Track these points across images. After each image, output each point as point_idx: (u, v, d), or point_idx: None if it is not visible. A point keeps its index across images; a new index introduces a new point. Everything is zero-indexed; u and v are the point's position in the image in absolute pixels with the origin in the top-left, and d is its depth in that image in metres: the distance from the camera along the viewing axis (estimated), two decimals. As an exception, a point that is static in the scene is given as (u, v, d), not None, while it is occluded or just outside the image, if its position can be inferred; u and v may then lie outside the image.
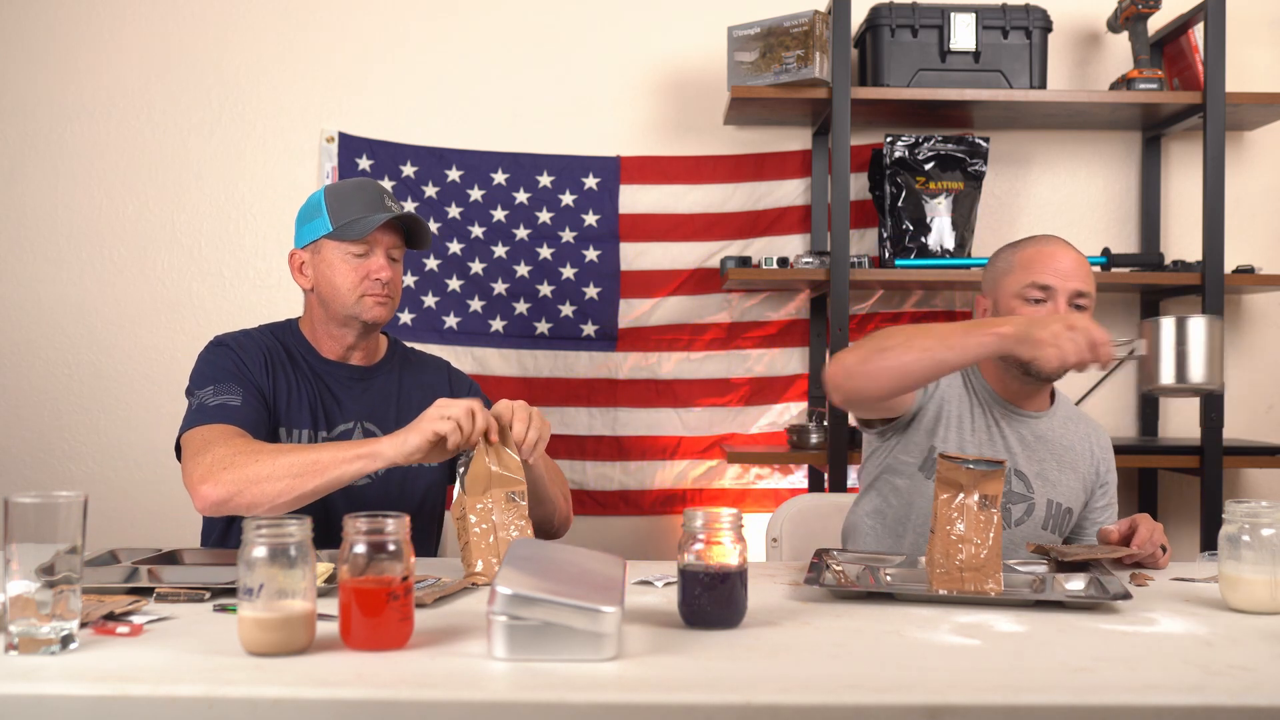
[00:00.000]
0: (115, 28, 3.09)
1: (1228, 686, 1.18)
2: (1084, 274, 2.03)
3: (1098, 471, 2.14)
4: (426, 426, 1.74)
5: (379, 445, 1.77)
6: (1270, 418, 3.11)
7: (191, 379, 1.98)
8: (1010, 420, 2.08)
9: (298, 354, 2.07)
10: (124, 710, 1.13)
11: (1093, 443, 2.14)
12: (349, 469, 1.77)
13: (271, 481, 1.76)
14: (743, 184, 3.11)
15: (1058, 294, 2.00)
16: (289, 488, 1.76)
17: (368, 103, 3.09)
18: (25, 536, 1.24)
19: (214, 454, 1.80)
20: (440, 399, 1.78)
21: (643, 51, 3.10)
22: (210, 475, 1.78)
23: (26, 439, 3.07)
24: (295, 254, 2.08)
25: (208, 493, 1.77)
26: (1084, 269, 2.03)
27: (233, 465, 1.78)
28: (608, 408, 3.08)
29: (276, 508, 1.77)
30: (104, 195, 3.08)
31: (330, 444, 1.82)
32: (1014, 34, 2.83)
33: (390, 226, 2.03)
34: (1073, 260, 2.03)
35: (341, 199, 2.03)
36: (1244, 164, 3.10)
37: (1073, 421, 2.15)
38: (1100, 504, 2.15)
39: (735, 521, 1.44)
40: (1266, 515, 1.53)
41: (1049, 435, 2.09)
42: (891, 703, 1.13)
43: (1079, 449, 2.12)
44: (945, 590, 1.60)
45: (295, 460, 1.77)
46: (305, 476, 1.76)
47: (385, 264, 2.02)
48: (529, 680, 1.18)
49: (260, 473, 1.76)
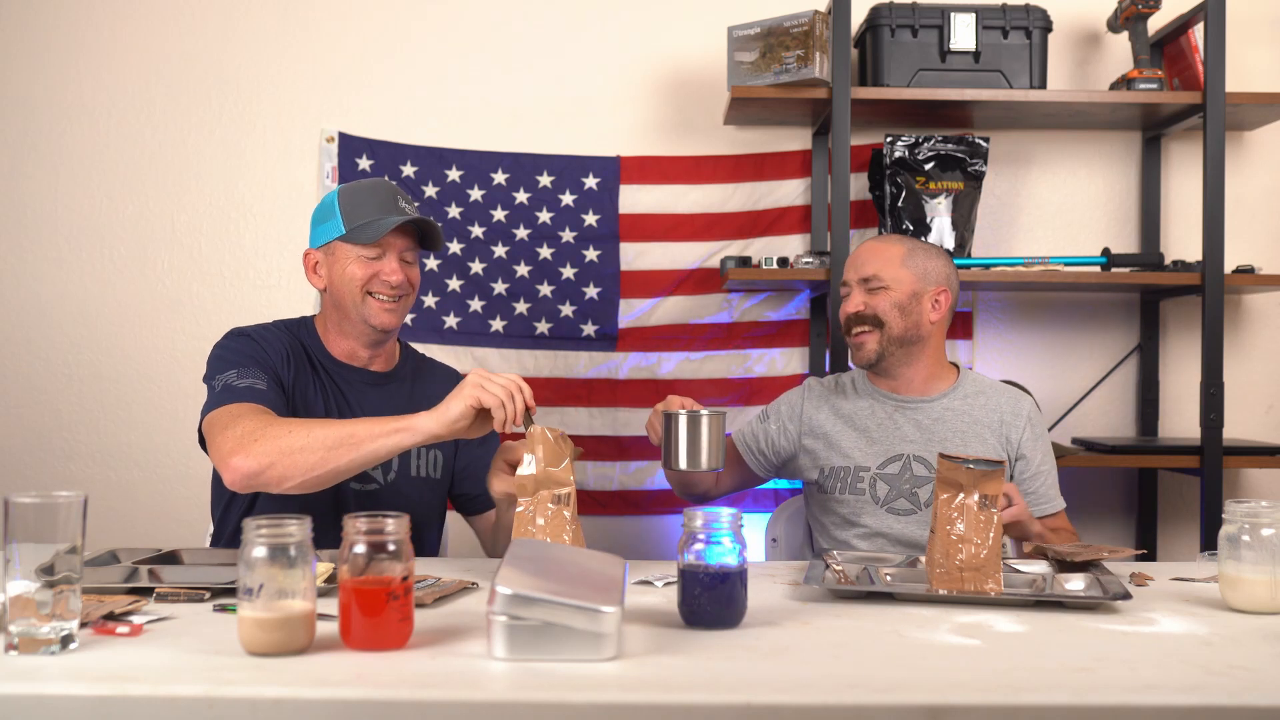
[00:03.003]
0: (115, 28, 3.09)
1: (1228, 686, 1.18)
2: (875, 261, 2.19)
3: (1008, 438, 2.19)
4: (469, 393, 1.69)
5: (415, 419, 1.72)
6: (1270, 418, 3.11)
7: (211, 365, 1.95)
8: (905, 409, 2.22)
9: (313, 352, 2.06)
10: (124, 710, 1.13)
11: (1003, 412, 2.21)
12: (386, 443, 1.72)
13: (305, 453, 1.71)
14: (743, 184, 3.11)
15: (852, 285, 2.21)
16: (322, 460, 1.71)
17: (368, 103, 3.09)
18: (25, 536, 1.24)
19: (243, 426, 1.76)
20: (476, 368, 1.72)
21: (643, 51, 3.10)
22: (241, 447, 1.73)
23: (26, 439, 3.07)
24: (310, 254, 2.07)
25: (239, 464, 1.72)
26: (876, 258, 2.20)
27: (264, 436, 1.73)
28: (608, 408, 3.08)
29: (308, 482, 1.73)
30: (104, 195, 3.08)
31: (367, 419, 1.77)
32: (1014, 34, 2.83)
33: (404, 229, 2.01)
34: (865, 252, 2.23)
35: (355, 201, 2.01)
36: (1244, 164, 3.10)
37: (982, 395, 2.23)
38: (1026, 475, 2.18)
39: (735, 521, 1.44)
40: (1266, 515, 1.53)
41: (947, 415, 2.21)
42: (892, 703, 1.13)
43: (985, 420, 2.20)
44: (945, 590, 1.60)
45: (330, 433, 1.73)
46: (340, 449, 1.71)
47: (397, 267, 2.00)
48: (529, 680, 1.18)
49: (294, 444, 1.72)
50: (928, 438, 2.18)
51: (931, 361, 2.23)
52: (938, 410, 2.20)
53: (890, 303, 2.17)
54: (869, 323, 2.17)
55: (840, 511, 2.19)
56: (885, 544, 2.15)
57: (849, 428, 2.23)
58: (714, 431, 1.81)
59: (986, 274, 2.78)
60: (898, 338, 2.17)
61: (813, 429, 2.25)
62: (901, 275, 2.18)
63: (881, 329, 2.17)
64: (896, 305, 2.17)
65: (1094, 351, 3.11)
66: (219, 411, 1.84)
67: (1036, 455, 2.19)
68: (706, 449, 1.81)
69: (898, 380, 2.23)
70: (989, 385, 2.26)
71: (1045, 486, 2.18)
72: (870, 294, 2.18)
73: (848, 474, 2.19)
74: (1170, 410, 3.08)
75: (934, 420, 2.19)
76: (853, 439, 2.21)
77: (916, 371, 2.22)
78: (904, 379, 2.23)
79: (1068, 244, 3.10)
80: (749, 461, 2.32)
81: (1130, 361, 3.10)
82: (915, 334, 2.19)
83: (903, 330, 2.17)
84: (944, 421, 2.19)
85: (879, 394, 2.25)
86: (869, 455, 2.19)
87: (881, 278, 2.18)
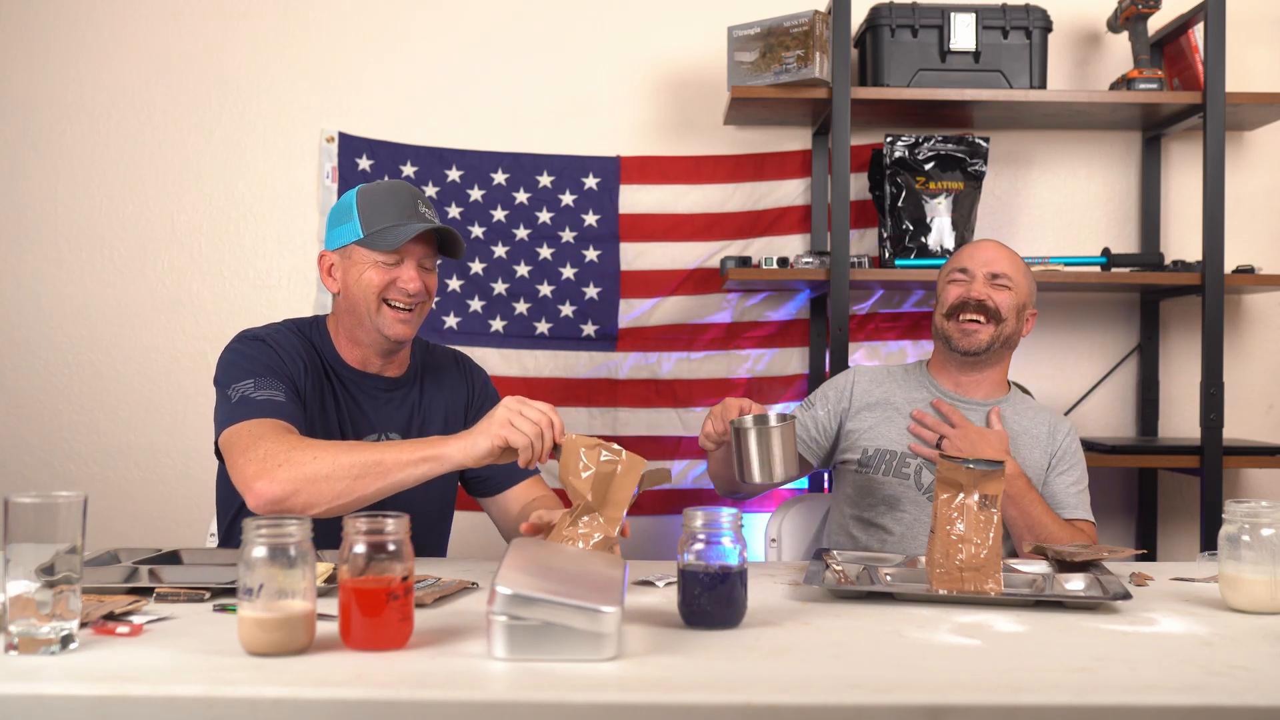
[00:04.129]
0: (115, 28, 3.09)
1: (1228, 686, 1.18)
2: (1005, 261, 2.25)
3: (1053, 445, 2.24)
4: (498, 432, 1.65)
5: (445, 448, 1.68)
6: (1270, 418, 3.11)
7: (224, 370, 1.89)
8: (962, 409, 2.23)
9: (325, 355, 2.01)
10: (124, 710, 1.13)
11: (1051, 424, 2.27)
12: (414, 472, 1.69)
13: (331, 482, 1.67)
14: (743, 184, 3.11)
15: (975, 275, 2.24)
16: (348, 489, 1.67)
17: (368, 103, 3.09)
18: (25, 536, 1.24)
19: (265, 448, 1.70)
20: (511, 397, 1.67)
21: (643, 51, 3.10)
22: (265, 472, 1.68)
23: (26, 439, 3.07)
24: (325, 255, 2.01)
25: (263, 489, 1.67)
26: (1006, 259, 2.26)
27: (289, 462, 1.68)
28: (608, 408, 3.08)
29: (334, 509, 1.67)
30: (104, 195, 3.08)
31: (393, 444, 1.72)
32: (1014, 34, 2.83)
33: (423, 236, 1.96)
34: (993, 249, 2.28)
35: (374, 204, 1.95)
36: (1244, 164, 3.10)
37: (1030, 410, 2.29)
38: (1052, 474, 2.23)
39: (735, 521, 1.44)
40: (1266, 515, 1.53)
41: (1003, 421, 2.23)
42: (892, 703, 1.13)
43: (1034, 431, 2.25)
44: (945, 590, 1.60)
45: (357, 460, 1.68)
46: (367, 478, 1.68)
47: (415, 275, 1.95)
48: (529, 680, 1.18)
49: (319, 471, 1.67)
50: None
51: (1003, 371, 2.30)
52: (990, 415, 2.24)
53: (1012, 302, 2.23)
54: (989, 314, 2.21)
55: (882, 493, 2.21)
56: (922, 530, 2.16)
57: (898, 414, 2.25)
58: (788, 440, 1.77)
59: (986, 274, 2.78)
60: (1007, 337, 2.23)
61: (861, 410, 2.27)
62: (1023, 283, 2.26)
63: (998, 324, 2.21)
64: (1015, 307, 2.23)
65: (1094, 351, 3.11)
66: (238, 428, 1.78)
67: (1065, 464, 2.23)
68: (781, 459, 1.77)
69: (973, 378, 2.27)
70: (1035, 404, 2.32)
71: (1068, 494, 2.21)
72: (995, 289, 2.22)
73: (894, 458, 2.22)
74: (1170, 410, 3.08)
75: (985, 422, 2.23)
76: (902, 425, 2.24)
77: (992, 375, 2.28)
78: (979, 379, 2.27)
79: (1068, 244, 3.10)
80: (804, 452, 2.30)
81: (1130, 361, 3.10)
82: (1014, 340, 2.26)
83: (1012, 332, 2.24)
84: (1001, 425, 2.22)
85: (940, 390, 2.28)
86: None
87: (1011, 278, 2.24)
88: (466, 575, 1.74)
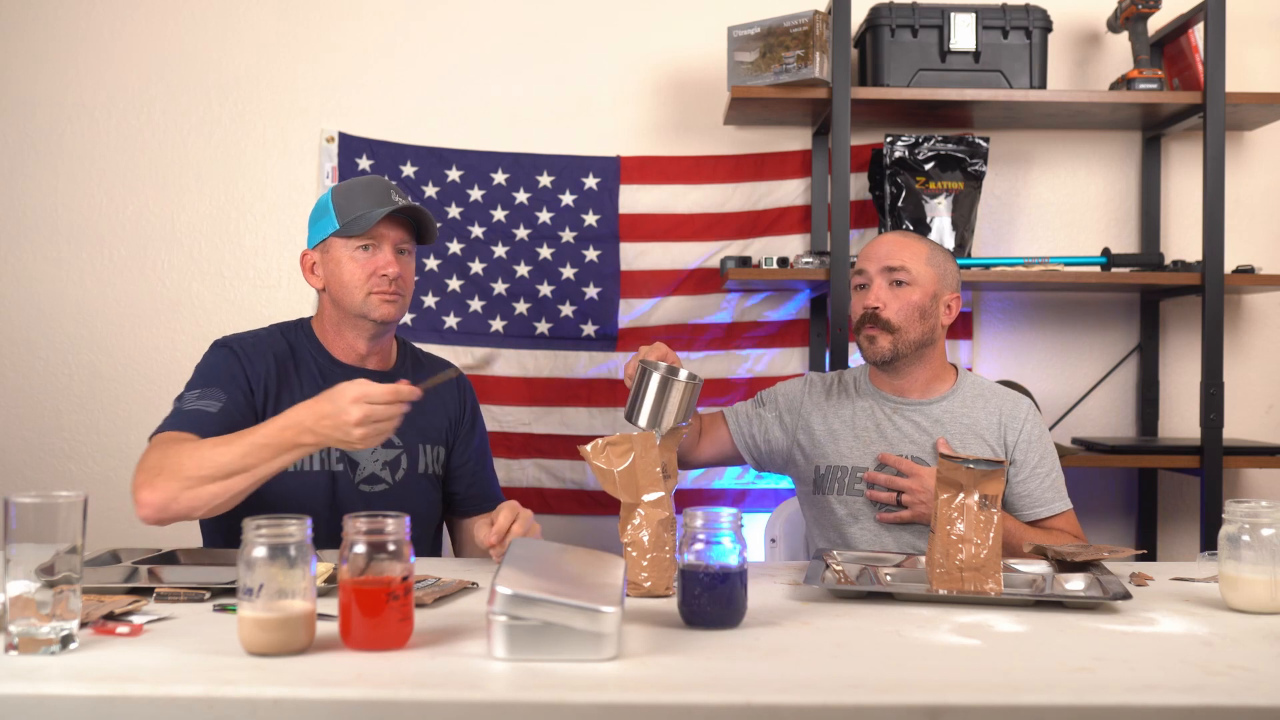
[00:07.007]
0: (115, 28, 3.09)
1: (1228, 686, 1.18)
2: (904, 253, 2.17)
3: (1005, 441, 2.18)
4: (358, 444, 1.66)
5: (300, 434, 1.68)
6: (1270, 418, 3.11)
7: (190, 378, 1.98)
8: (904, 411, 2.21)
9: (308, 355, 2.05)
10: (124, 710, 1.13)
11: (1003, 414, 2.20)
12: (282, 461, 1.72)
13: (205, 484, 1.71)
14: (743, 184, 3.11)
15: (871, 276, 2.17)
16: (225, 488, 1.71)
17: (368, 103, 3.09)
18: (25, 536, 1.24)
19: (151, 458, 1.76)
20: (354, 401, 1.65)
21: (643, 51, 3.10)
22: (146, 481, 1.73)
23: (26, 439, 3.07)
24: (306, 254, 2.07)
25: (145, 498, 1.73)
26: (904, 249, 2.17)
27: (165, 470, 1.73)
28: (608, 408, 3.08)
29: (219, 508, 1.73)
30: (104, 195, 3.08)
31: (259, 428, 1.73)
32: (1014, 34, 2.83)
33: (397, 221, 2.02)
34: (889, 242, 2.19)
35: (348, 196, 2.02)
36: (1244, 164, 3.10)
37: (981, 398, 2.22)
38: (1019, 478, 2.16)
39: (735, 521, 1.44)
40: (1266, 515, 1.53)
41: (946, 417, 2.19)
42: (892, 703, 1.13)
43: (984, 424, 2.19)
44: (945, 590, 1.60)
45: (225, 461, 1.71)
46: (235, 478, 1.71)
47: (392, 259, 2.00)
48: (529, 680, 1.18)
49: (191, 473, 1.71)
50: (927, 440, 2.18)
51: (936, 364, 2.22)
52: (937, 413, 2.19)
53: (911, 305, 2.13)
54: (880, 325, 2.14)
55: (838, 512, 2.19)
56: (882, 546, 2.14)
57: (846, 428, 2.22)
58: (686, 399, 1.76)
59: (986, 274, 2.78)
60: (914, 340, 2.15)
61: (809, 425, 2.25)
62: (926, 273, 2.16)
63: (893, 333, 2.14)
64: (917, 308, 2.14)
65: (1094, 351, 3.11)
66: (153, 439, 1.85)
67: (1033, 457, 2.16)
68: (674, 414, 1.76)
69: (903, 380, 2.21)
70: (987, 387, 2.24)
71: (1043, 489, 2.15)
72: (892, 287, 2.14)
73: (844, 474, 2.19)
74: (1170, 410, 3.08)
75: (933, 423, 2.18)
76: (850, 439, 2.21)
77: (921, 373, 2.21)
78: (909, 380, 2.21)
79: (1068, 244, 3.10)
80: (738, 443, 2.30)
81: (1130, 361, 3.10)
82: (930, 337, 2.17)
83: (920, 335, 2.15)
84: (943, 424, 2.18)
85: (880, 395, 2.23)
86: (866, 457, 2.18)
87: (909, 269, 2.14)
88: (466, 575, 1.74)
